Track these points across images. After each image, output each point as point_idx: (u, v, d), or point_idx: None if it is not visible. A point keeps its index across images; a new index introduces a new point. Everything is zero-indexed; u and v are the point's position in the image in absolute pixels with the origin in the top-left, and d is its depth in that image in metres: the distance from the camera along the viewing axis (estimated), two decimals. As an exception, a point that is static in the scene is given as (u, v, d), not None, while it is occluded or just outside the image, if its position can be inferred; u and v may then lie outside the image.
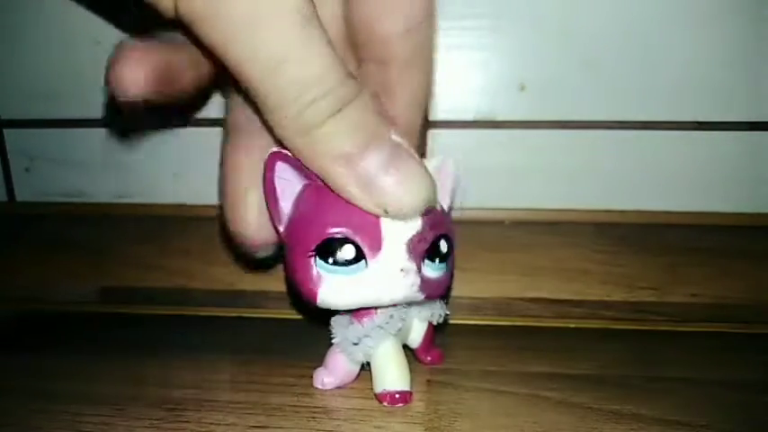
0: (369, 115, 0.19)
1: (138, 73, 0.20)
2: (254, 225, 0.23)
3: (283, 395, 0.24)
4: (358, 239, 0.20)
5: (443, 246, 0.22)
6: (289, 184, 0.22)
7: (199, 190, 0.33)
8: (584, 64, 0.30)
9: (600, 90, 0.31)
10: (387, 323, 0.23)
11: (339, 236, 0.20)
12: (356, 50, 0.23)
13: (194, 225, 0.34)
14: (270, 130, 0.20)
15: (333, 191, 0.20)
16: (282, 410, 0.23)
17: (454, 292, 0.32)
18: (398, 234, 0.21)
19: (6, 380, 0.26)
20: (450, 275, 0.23)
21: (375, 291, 0.21)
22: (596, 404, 0.23)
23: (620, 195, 0.32)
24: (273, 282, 0.33)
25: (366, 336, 0.23)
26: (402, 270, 0.21)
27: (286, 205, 0.22)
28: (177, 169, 0.34)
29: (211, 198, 0.33)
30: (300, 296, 0.22)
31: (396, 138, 0.20)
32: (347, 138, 0.19)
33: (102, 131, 0.34)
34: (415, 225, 0.21)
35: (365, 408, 0.23)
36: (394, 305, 0.22)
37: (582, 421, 0.22)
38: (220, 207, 0.24)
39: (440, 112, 0.32)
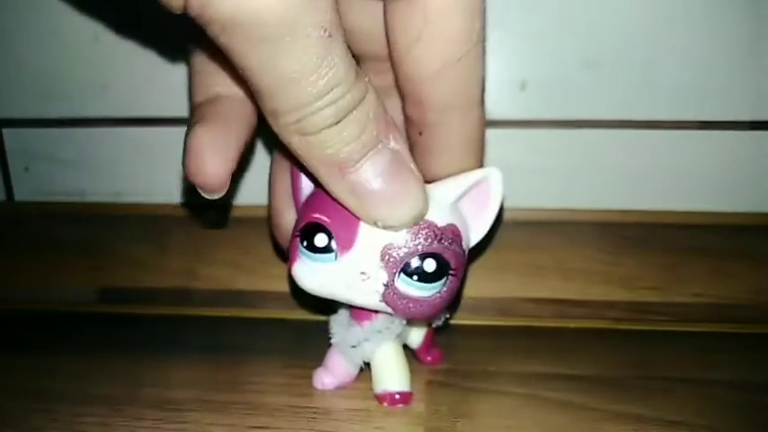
0: (369, 123, 0.19)
1: (222, 168, 0.20)
2: (285, 240, 0.24)
3: (283, 396, 0.24)
4: (333, 231, 0.20)
5: (429, 265, 0.20)
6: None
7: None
8: (586, 63, 0.30)
9: (601, 89, 0.31)
10: (387, 328, 0.23)
11: (317, 222, 0.21)
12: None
13: (194, 225, 0.34)
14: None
15: None
16: (282, 411, 0.23)
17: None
18: (375, 238, 0.20)
19: (6, 380, 0.26)
20: (439, 301, 0.21)
21: (336, 285, 0.21)
22: (597, 404, 0.23)
23: (621, 195, 0.32)
24: (273, 282, 0.33)
25: (365, 339, 0.23)
26: (363, 273, 0.20)
27: (306, 191, 0.23)
28: (177, 169, 0.34)
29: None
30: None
31: (395, 145, 0.19)
32: (343, 146, 0.18)
33: (101, 131, 0.34)
34: (399, 235, 0.20)
35: (365, 408, 0.23)
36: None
37: (583, 422, 0.22)
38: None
39: (440, 111, 0.31)
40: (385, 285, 0.20)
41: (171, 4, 0.16)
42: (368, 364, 0.24)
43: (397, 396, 0.23)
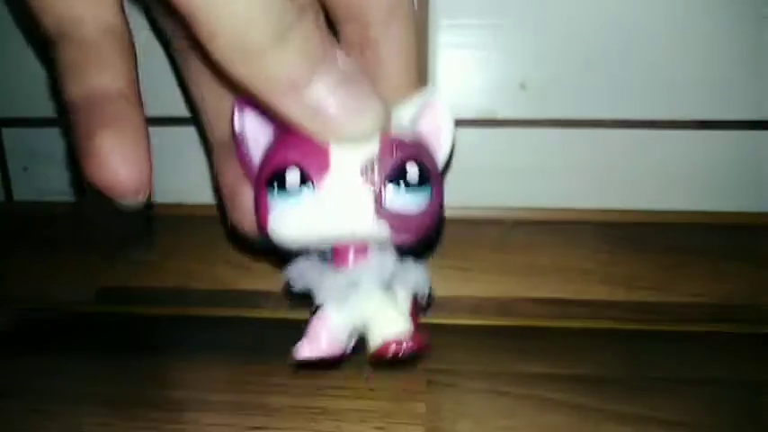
0: (314, 39, 0.18)
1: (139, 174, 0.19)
2: (249, 218, 0.23)
3: (283, 396, 0.24)
4: (303, 164, 0.19)
5: (412, 171, 0.19)
6: (256, 129, 0.21)
7: (198, 189, 0.33)
8: (586, 63, 0.30)
9: (601, 89, 0.31)
10: (379, 264, 0.21)
11: (282, 163, 0.19)
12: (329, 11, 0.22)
13: (194, 225, 0.34)
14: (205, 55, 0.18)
15: (290, 128, 0.19)
16: (282, 411, 0.23)
17: (455, 293, 0.32)
18: (350, 157, 0.19)
19: (5, 380, 0.26)
20: (431, 211, 0.20)
21: (322, 219, 0.19)
22: (597, 404, 0.23)
23: (621, 195, 0.32)
24: (273, 282, 0.33)
25: (360, 279, 0.21)
26: (349, 194, 0.19)
27: (256, 150, 0.21)
28: (175, 169, 0.34)
29: (211, 197, 0.33)
30: (263, 233, 0.21)
31: (342, 61, 0.19)
32: (291, 65, 0.18)
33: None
34: (372, 148, 0.19)
35: (365, 408, 0.23)
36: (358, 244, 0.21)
37: (583, 422, 0.22)
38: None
39: (440, 111, 0.32)
40: (375, 201, 0.19)
41: None
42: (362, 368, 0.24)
43: (403, 341, 0.20)
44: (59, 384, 0.25)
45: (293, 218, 0.19)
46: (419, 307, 0.24)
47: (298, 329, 0.31)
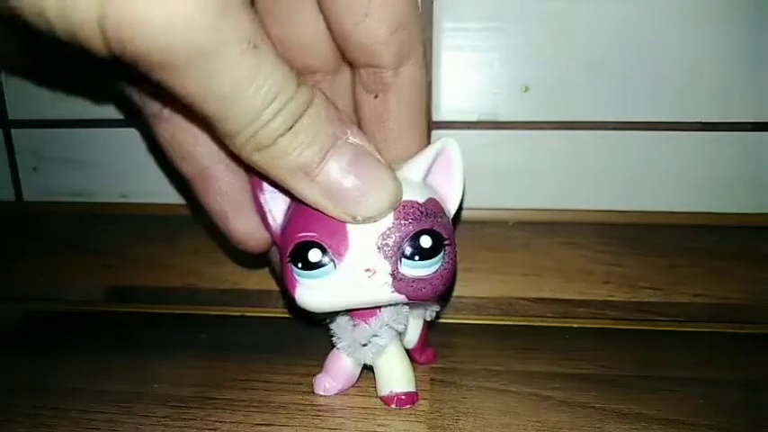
0: (323, 123, 0.19)
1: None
2: (245, 239, 0.24)
3: (288, 393, 0.24)
4: (324, 243, 0.20)
5: (425, 242, 0.21)
6: (277, 198, 0.22)
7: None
8: (588, 65, 0.31)
9: (603, 91, 0.31)
10: (394, 320, 0.23)
11: (305, 240, 0.21)
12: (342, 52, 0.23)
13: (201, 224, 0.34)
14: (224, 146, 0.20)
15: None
16: (287, 409, 0.23)
17: (457, 292, 0.32)
18: (366, 234, 0.20)
19: (15, 378, 0.26)
20: (445, 273, 0.21)
21: (344, 294, 0.21)
22: (598, 404, 0.23)
23: (623, 196, 0.32)
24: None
25: (374, 335, 0.23)
26: (368, 270, 0.20)
27: (278, 216, 0.23)
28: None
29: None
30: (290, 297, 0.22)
31: (354, 139, 0.20)
32: (303, 150, 0.19)
33: (109, 131, 0.34)
34: (386, 223, 0.20)
35: (369, 406, 0.23)
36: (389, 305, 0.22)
37: (584, 420, 0.22)
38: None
39: (443, 112, 0.32)
40: (391, 275, 0.20)
41: (92, 46, 0.16)
42: (368, 368, 0.24)
43: (404, 396, 0.23)
44: (67, 382, 0.26)
45: (317, 293, 0.21)
46: (429, 325, 0.27)
47: (303, 328, 0.31)
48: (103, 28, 0.15)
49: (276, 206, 0.23)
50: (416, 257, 0.21)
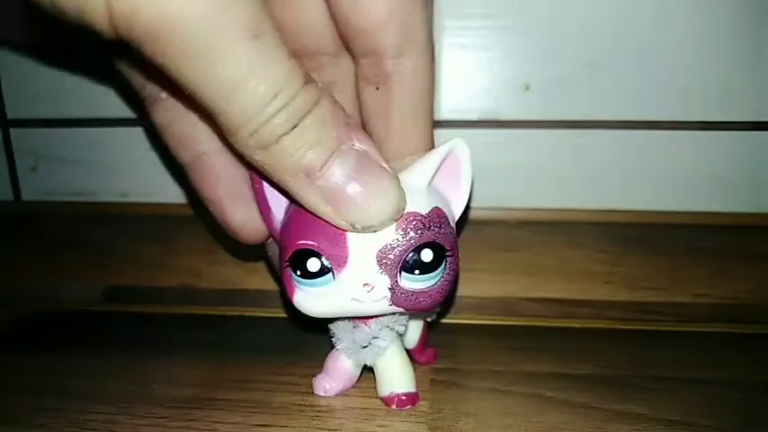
0: (328, 125, 0.18)
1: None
2: (240, 229, 0.24)
3: (288, 394, 0.24)
4: (323, 253, 0.20)
5: (426, 255, 0.20)
6: (277, 193, 0.22)
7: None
8: (589, 64, 0.31)
9: (604, 90, 0.31)
10: (394, 321, 0.23)
11: (304, 249, 0.20)
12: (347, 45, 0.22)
13: (200, 224, 0.34)
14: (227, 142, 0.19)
15: None
16: (286, 409, 0.23)
17: (458, 292, 0.32)
18: (366, 246, 0.20)
19: (13, 377, 0.26)
20: (445, 285, 0.21)
21: (342, 304, 0.21)
22: (600, 404, 0.23)
23: (624, 195, 0.32)
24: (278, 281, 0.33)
25: (375, 337, 0.23)
26: (366, 285, 0.20)
27: (278, 212, 0.22)
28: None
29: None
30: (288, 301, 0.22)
31: (361, 146, 0.19)
32: (306, 151, 0.18)
33: (108, 131, 0.34)
34: (387, 235, 0.20)
35: (368, 407, 0.23)
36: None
37: (585, 421, 0.22)
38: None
39: (444, 111, 0.32)
40: (390, 289, 0.20)
41: (96, 23, 0.16)
42: (369, 369, 0.24)
43: (404, 397, 0.23)
44: (65, 382, 0.26)
45: (315, 301, 0.21)
46: (430, 325, 0.27)
47: (302, 328, 0.31)
48: (111, 9, 0.15)
49: (277, 201, 0.22)
50: (416, 271, 0.20)
